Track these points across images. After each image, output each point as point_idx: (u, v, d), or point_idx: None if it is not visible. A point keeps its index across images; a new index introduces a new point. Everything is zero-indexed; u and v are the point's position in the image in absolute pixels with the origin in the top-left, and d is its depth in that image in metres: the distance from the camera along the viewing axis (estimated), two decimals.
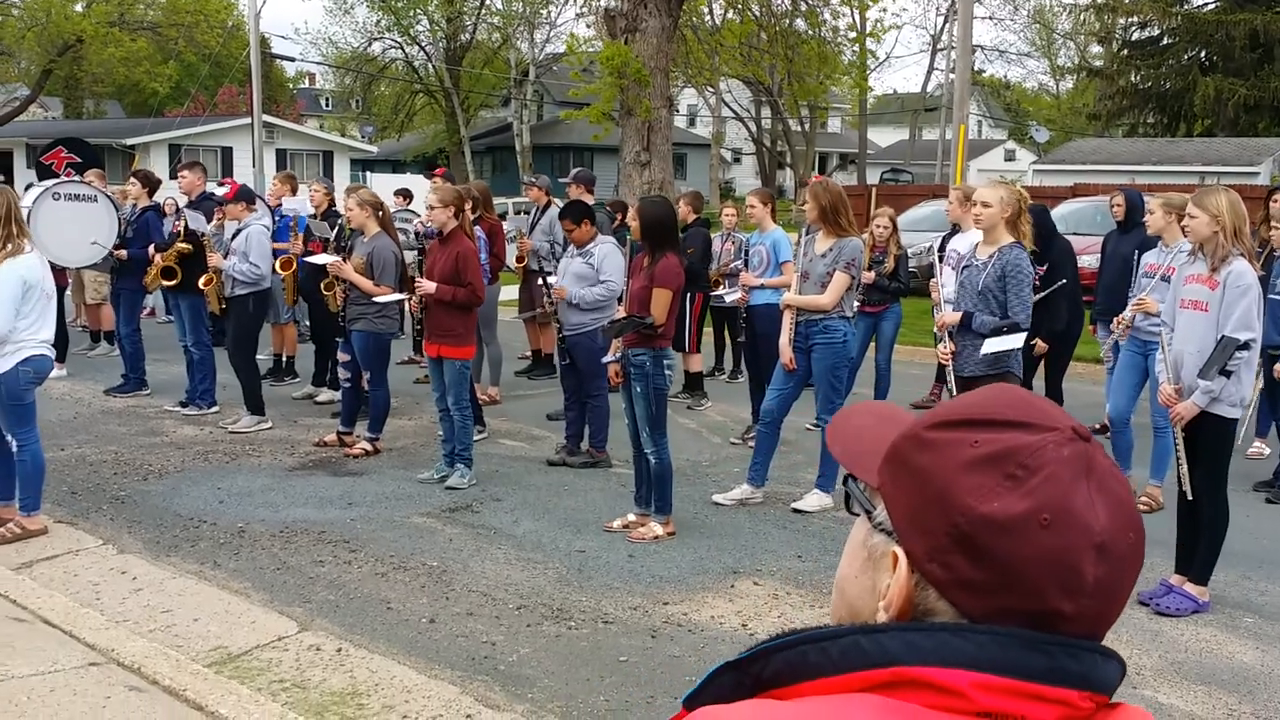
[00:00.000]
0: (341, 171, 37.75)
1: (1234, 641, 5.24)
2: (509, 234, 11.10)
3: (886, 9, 34.32)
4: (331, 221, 9.81)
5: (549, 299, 8.45)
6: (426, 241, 8.58)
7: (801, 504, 7.08)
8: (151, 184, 10.72)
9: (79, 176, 11.81)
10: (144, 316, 11.32)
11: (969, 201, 7.67)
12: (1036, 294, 6.60)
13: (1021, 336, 6.01)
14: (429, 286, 7.45)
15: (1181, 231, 6.01)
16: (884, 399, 9.20)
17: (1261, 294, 5.50)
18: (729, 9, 23.06)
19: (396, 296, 8.12)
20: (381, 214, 8.29)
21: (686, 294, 9.17)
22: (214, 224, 9.47)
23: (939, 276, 7.19)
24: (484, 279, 8.22)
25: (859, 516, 1.09)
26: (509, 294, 12.96)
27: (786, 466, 8.00)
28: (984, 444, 0.97)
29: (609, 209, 10.93)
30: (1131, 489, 0.98)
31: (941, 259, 7.70)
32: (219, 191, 10.48)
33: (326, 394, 10.24)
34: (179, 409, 9.63)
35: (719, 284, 10.36)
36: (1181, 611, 5.49)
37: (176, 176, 10.26)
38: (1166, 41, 38.67)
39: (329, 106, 66.21)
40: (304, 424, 9.38)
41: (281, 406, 9.85)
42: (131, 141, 32.81)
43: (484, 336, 9.52)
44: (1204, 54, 37.21)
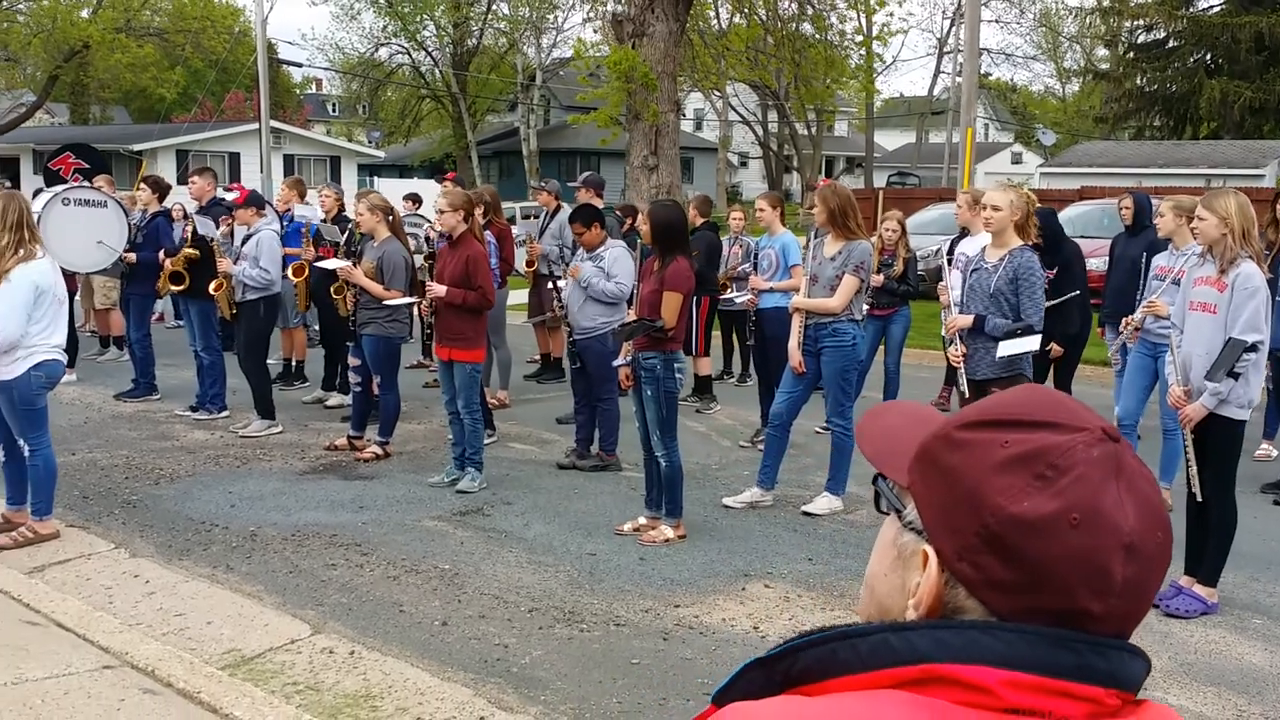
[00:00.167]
0: (348, 176, 37.85)
1: (1243, 643, 5.24)
2: (518, 238, 11.13)
3: (893, 13, 34.33)
4: (342, 226, 9.85)
5: (558, 303, 8.48)
6: (436, 246, 8.60)
7: (811, 507, 7.09)
8: (161, 189, 10.76)
9: (87, 182, 11.85)
10: (153, 322, 11.35)
11: (978, 205, 7.70)
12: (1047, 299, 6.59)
13: (1037, 339, 6.02)
14: (439, 290, 7.48)
15: (1191, 234, 6.03)
16: None
17: (1270, 296, 5.50)
18: (735, 13, 23.07)
19: (406, 301, 8.15)
20: (392, 218, 8.32)
21: (692, 297, 9.18)
22: (223, 229, 9.51)
23: (947, 279, 7.21)
24: (494, 283, 8.25)
25: (888, 515, 1.10)
26: (517, 298, 12.98)
27: (796, 469, 8.01)
28: (1014, 444, 0.98)
29: (619, 213, 10.95)
30: (1160, 489, 0.99)
31: (950, 262, 7.71)
32: (228, 197, 10.52)
33: (336, 398, 10.27)
34: (189, 413, 9.66)
35: (727, 287, 10.37)
36: (1191, 613, 5.50)
37: (187, 182, 10.29)
38: (1172, 44, 38.62)
39: (336, 112, 66.39)
40: (314, 428, 9.41)
41: (291, 411, 9.88)
42: (139, 147, 32.90)
43: (493, 341, 9.54)
44: (1210, 57, 37.17)
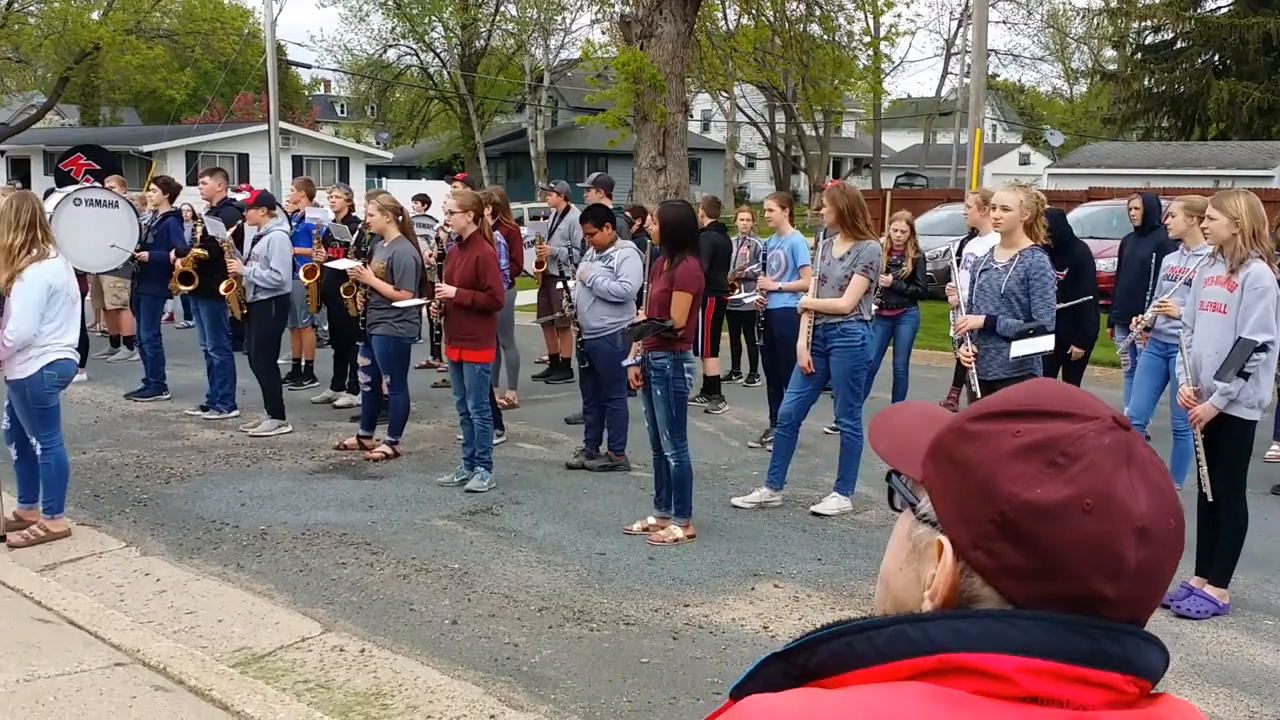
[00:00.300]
0: (357, 177, 37.93)
1: (1255, 644, 5.24)
2: (527, 239, 11.14)
3: (901, 14, 34.30)
4: (351, 226, 9.87)
5: (569, 303, 8.49)
6: (448, 247, 8.62)
7: (820, 507, 7.10)
8: (172, 190, 10.80)
9: (98, 183, 11.89)
10: (163, 322, 11.38)
11: (987, 205, 7.70)
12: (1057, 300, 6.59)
13: (1050, 339, 6.01)
14: (449, 291, 7.49)
15: (1202, 234, 6.02)
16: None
17: None
18: (743, 14, 23.05)
19: (417, 302, 8.16)
20: (402, 219, 8.34)
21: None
22: (250, 227, 9.50)
23: (956, 280, 7.20)
24: (503, 283, 8.26)
25: (902, 512, 1.11)
26: (526, 299, 13.00)
27: (805, 470, 8.02)
28: (1026, 433, 0.99)
29: (628, 214, 10.96)
30: (1170, 477, 1.00)
31: (959, 262, 7.71)
32: (238, 198, 10.55)
33: (345, 398, 10.30)
34: (199, 413, 9.69)
35: (735, 288, 10.38)
36: (1202, 614, 5.49)
37: (197, 183, 10.32)
38: (1180, 45, 38.58)
39: (344, 113, 66.58)
40: (324, 428, 9.43)
41: (301, 410, 9.90)
42: (148, 148, 33.00)
43: (501, 341, 9.55)
44: (1218, 58, 37.13)
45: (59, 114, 47.08)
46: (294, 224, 10.77)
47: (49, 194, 11.32)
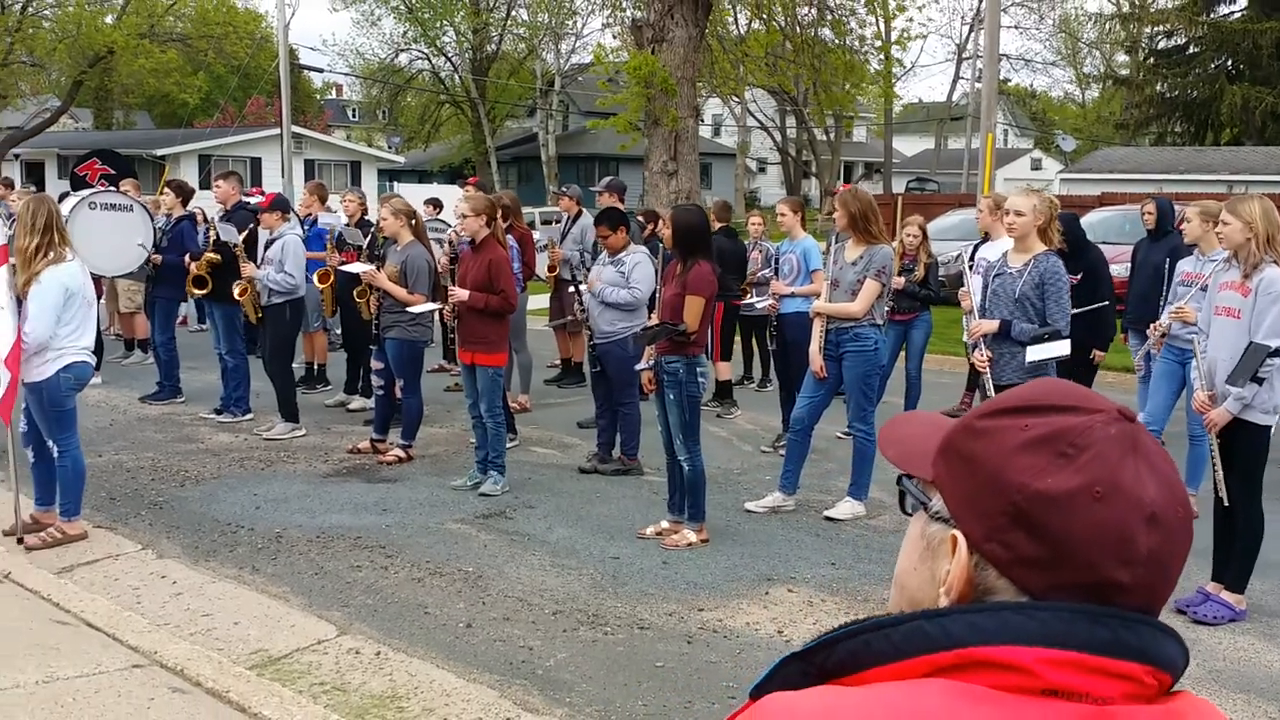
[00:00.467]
0: (368, 181, 38.02)
1: (1272, 650, 5.22)
2: (539, 243, 11.16)
3: (912, 19, 34.29)
4: (364, 230, 9.90)
5: (580, 307, 8.51)
6: (459, 250, 8.63)
7: (834, 511, 7.10)
8: (185, 193, 10.85)
9: (113, 187, 11.94)
10: (177, 325, 11.42)
11: (999, 210, 7.70)
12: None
13: (1066, 343, 6.01)
14: (462, 294, 7.51)
15: (1216, 239, 6.01)
16: (914, 408, 9.20)
17: None
18: (754, 19, 23.09)
19: (431, 306, 8.18)
20: (415, 223, 8.37)
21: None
22: (264, 231, 9.53)
23: (968, 284, 7.20)
24: (516, 287, 8.28)
25: (914, 515, 1.12)
26: (537, 303, 13.02)
27: (818, 474, 8.01)
28: (1034, 427, 1.02)
29: (640, 219, 10.97)
30: (1177, 468, 1.02)
31: (971, 267, 7.71)
32: (252, 201, 10.59)
33: (359, 401, 10.33)
34: (214, 416, 9.73)
35: (747, 293, 10.38)
36: (1219, 620, 5.48)
37: (211, 186, 10.36)
38: (1193, 50, 38.45)
39: (356, 117, 66.65)
40: (337, 431, 9.45)
41: (314, 414, 9.93)
42: (162, 152, 33.10)
43: (513, 345, 9.57)
44: (1231, 62, 36.99)
45: (73, 118, 47.23)
46: (306, 228, 10.81)
47: (64, 197, 11.36)
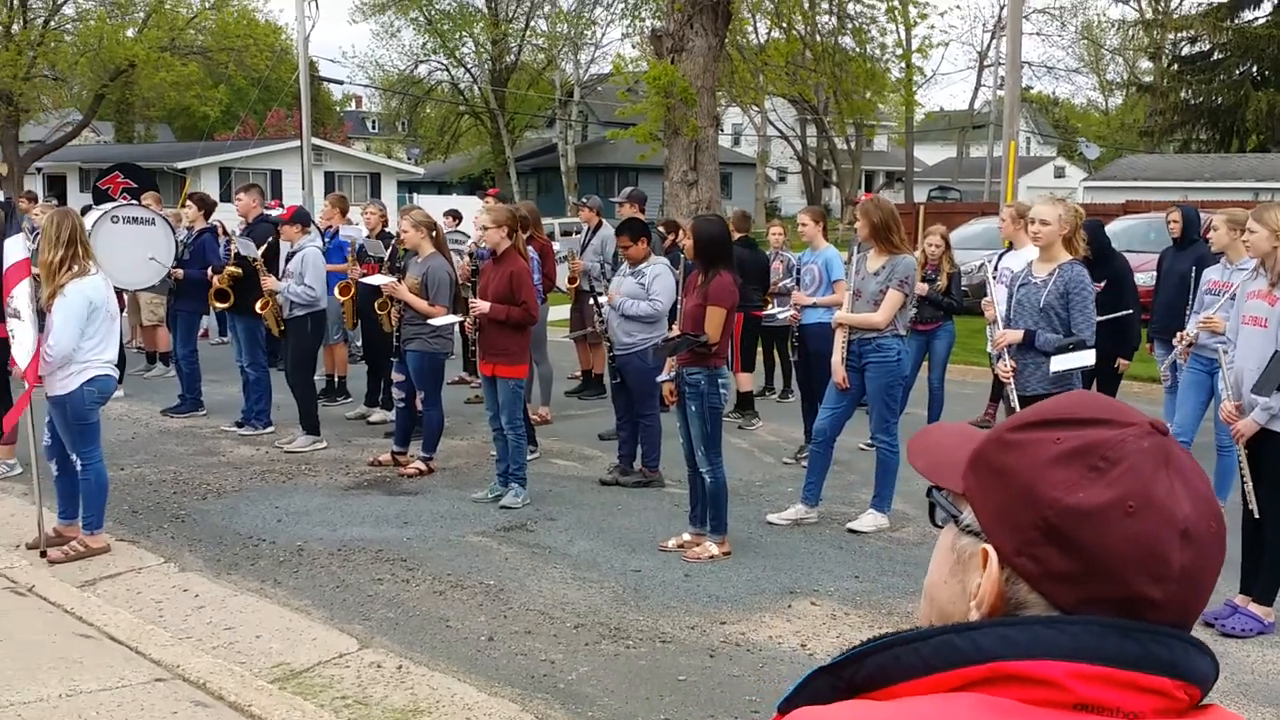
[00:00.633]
0: (388, 193, 38.13)
1: None
2: (559, 255, 11.16)
3: (934, 26, 34.23)
4: (385, 242, 9.92)
5: (600, 318, 8.49)
6: (479, 262, 8.64)
7: (857, 524, 7.05)
8: (207, 206, 10.90)
9: (135, 200, 12.01)
10: (199, 337, 11.46)
11: (1022, 219, 7.65)
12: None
13: (1091, 353, 5.95)
14: (483, 306, 7.50)
15: (1244, 247, 5.96)
16: (938, 419, 9.15)
17: None
18: (774, 28, 23.08)
19: (452, 318, 8.18)
20: (435, 235, 8.37)
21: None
22: (284, 243, 9.55)
23: (992, 294, 7.14)
24: (537, 299, 8.27)
25: (944, 527, 1.11)
26: (558, 314, 13.01)
27: (840, 486, 7.97)
28: (1066, 440, 1.01)
29: (661, 229, 10.96)
30: (1209, 481, 1.02)
31: (995, 277, 7.65)
32: (273, 214, 10.63)
33: (379, 414, 10.33)
34: (235, 429, 9.75)
35: (769, 303, 10.35)
36: (1247, 632, 5.41)
37: (232, 199, 10.40)
38: (1217, 57, 38.25)
39: (375, 129, 66.98)
40: (358, 444, 9.46)
41: (335, 426, 9.94)
42: (183, 165, 33.32)
43: (534, 357, 9.56)
44: (1256, 69, 36.78)
45: (94, 131, 47.57)
46: (326, 240, 10.83)
47: (86, 211, 11.44)
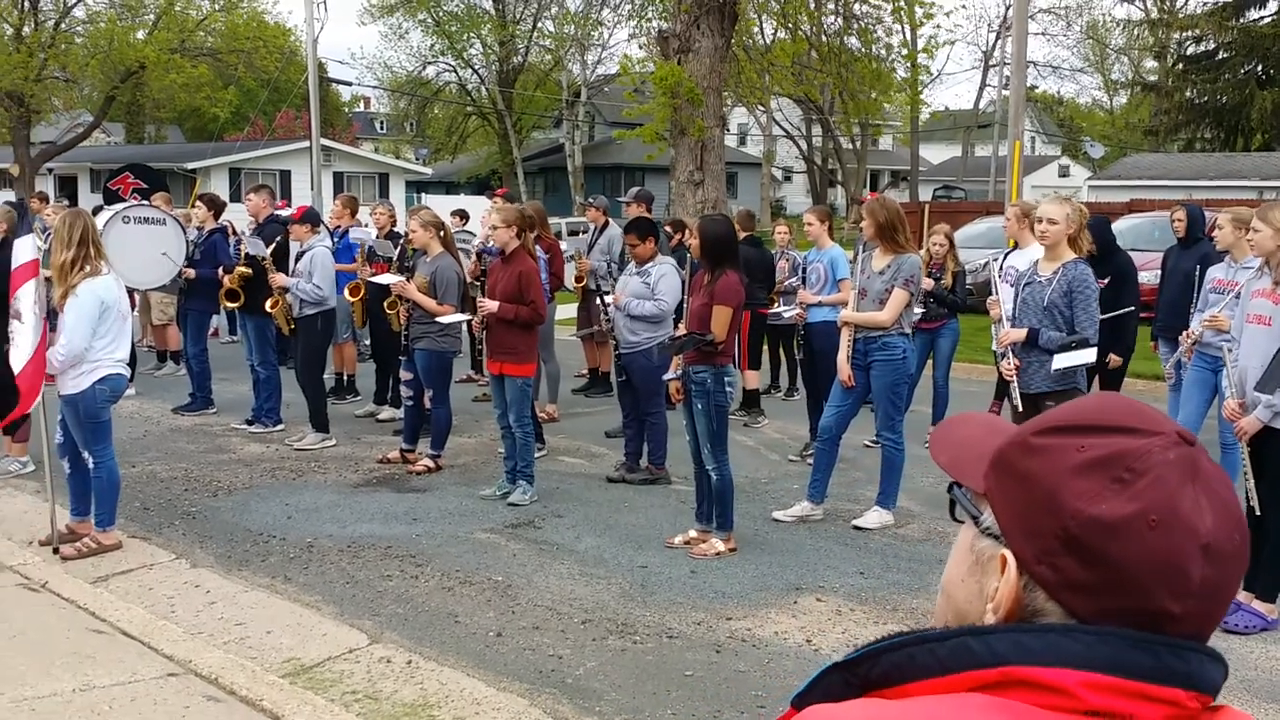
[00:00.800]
0: (396, 193, 38.24)
1: None
2: (567, 255, 11.21)
3: (939, 26, 34.24)
4: (394, 241, 9.97)
5: (607, 317, 8.54)
6: (487, 260, 8.69)
7: (862, 521, 7.09)
8: (217, 207, 10.97)
9: (146, 201, 12.08)
10: (209, 336, 11.53)
11: (1027, 218, 7.68)
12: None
13: (1093, 351, 5.99)
14: (491, 306, 7.55)
15: (1248, 246, 5.99)
16: (942, 417, 9.18)
17: None
18: (780, 28, 23.09)
19: (460, 317, 8.23)
20: (444, 234, 8.42)
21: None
22: (294, 243, 9.61)
23: (997, 293, 7.18)
24: (545, 298, 8.32)
25: (964, 523, 1.11)
26: (565, 313, 13.06)
27: (846, 483, 8.00)
28: (1091, 448, 0.99)
29: (667, 229, 11.01)
30: (1235, 491, 1.01)
31: (1000, 276, 7.68)
32: (282, 214, 10.68)
33: (388, 412, 10.39)
34: (245, 427, 9.82)
35: (775, 302, 10.39)
36: (1250, 629, 5.44)
37: (242, 199, 10.47)
38: (1222, 56, 38.23)
39: (384, 129, 67.08)
40: (367, 441, 9.52)
41: (344, 424, 10.00)
42: (193, 166, 33.45)
43: (541, 355, 9.61)
44: (1260, 68, 36.76)
45: (105, 132, 47.76)
46: (336, 240, 10.89)
47: (98, 211, 11.50)
